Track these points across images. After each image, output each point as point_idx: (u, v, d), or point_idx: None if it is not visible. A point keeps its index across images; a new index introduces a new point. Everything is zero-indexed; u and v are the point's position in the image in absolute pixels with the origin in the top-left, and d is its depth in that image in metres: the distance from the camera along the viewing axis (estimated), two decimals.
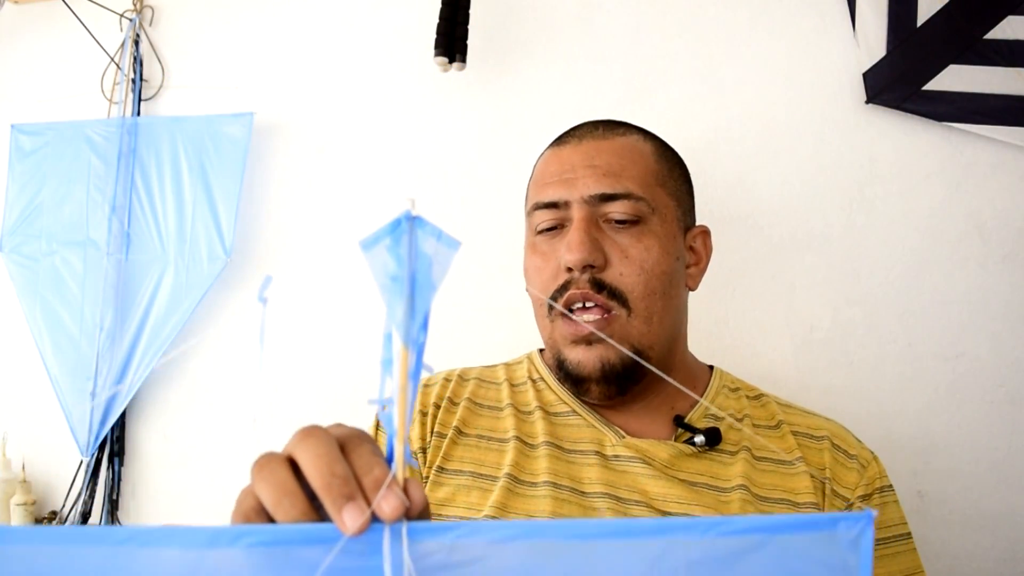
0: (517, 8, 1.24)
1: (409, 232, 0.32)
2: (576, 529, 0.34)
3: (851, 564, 0.35)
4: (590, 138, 0.76)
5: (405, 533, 0.33)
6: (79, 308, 1.40)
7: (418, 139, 1.29)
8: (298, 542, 0.33)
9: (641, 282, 0.70)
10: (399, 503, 0.32)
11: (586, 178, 0.72)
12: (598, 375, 0.70)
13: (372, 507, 0.32)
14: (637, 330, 0.70)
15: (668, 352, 0.75)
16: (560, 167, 0.75)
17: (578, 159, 0.74)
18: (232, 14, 1.42)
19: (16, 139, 1.47)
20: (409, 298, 0.33)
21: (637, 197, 0.71)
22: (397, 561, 0.32)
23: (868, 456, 0.75)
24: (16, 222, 1.46)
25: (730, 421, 0.75)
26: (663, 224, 0.73)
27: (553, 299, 0.71)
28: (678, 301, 0.75)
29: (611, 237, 0.71)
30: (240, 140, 1.34)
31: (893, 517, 0.73)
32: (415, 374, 0.33)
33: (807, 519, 0.36)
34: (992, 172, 1.02)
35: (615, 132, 0.76)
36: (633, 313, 0.70)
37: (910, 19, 1.04)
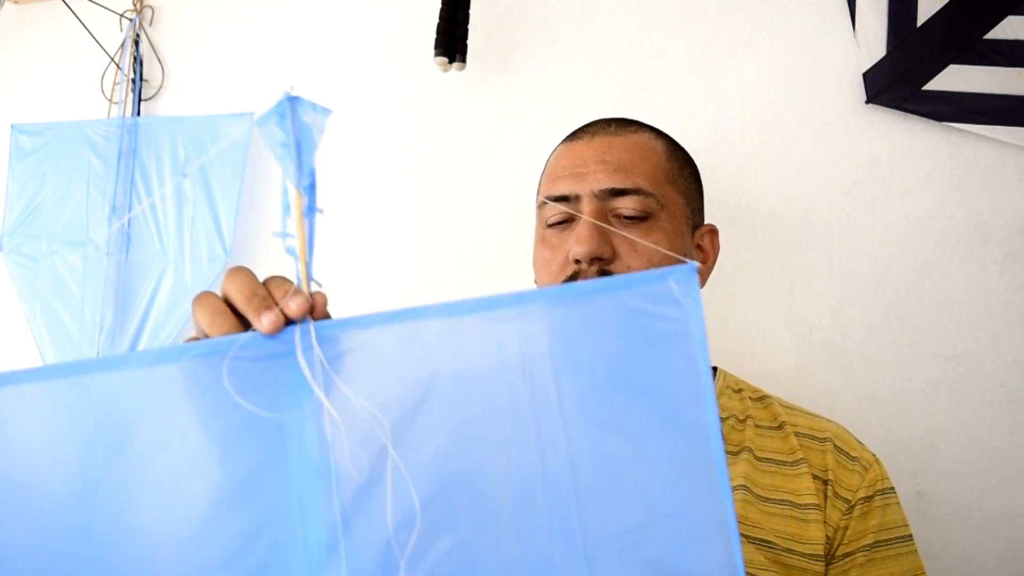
0: (517, 8, 1.24)
1: (291, 107, 0.40)
2: (445, 309, 0.42)
3: (686, 308, 0.42)
4: (603, 134, 0.77)
5: (312, 328, 0.41)
6: (79, 308, 1.40)
7: (418, 139, 1.29)
8: (227, 349, 0.40)
9: None
10: (303, 301, 0.41)
11: (597, 173, 0.73)
12: None
13: (280, 306, 0.40)
14: None
15: None
16: (572, 162, 0.75)
17: (590, 154, 0.75)
18: (232, 14, 1.42)
19: (16, 139, 1.47)
20: (297, 156, 0.42)
21: (647, 193, 0.72)
22: (309, 352, 0.40)
23: (870, 458, 0.75)
24: (16, 222, 1.46)
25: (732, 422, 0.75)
26: (672, 221, 0.74)
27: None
28: None
29: (620, 231, 0.72)
30: (240, 140, 1.34)
31: (895, 519, 0.73)
32: (309, 211, 0.43)
33: (639, 276, 0.42)
34: (992, 172, 1.02)
35: (627, 129, 0.78)
36: None
37: (910, 19, 1.04)
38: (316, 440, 0.40)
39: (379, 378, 0.41)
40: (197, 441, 0.40)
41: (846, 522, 0.70)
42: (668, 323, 0.41)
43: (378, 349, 0.42)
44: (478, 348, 0.42)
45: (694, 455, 0.41)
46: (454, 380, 0.42)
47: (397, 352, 0.42)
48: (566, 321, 0.42)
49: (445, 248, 1.26)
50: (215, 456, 0.40)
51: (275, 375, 0.41)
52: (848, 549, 0.69)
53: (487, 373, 0.42)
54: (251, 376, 0.40)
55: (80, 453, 0.40)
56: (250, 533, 0.40)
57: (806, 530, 0.68)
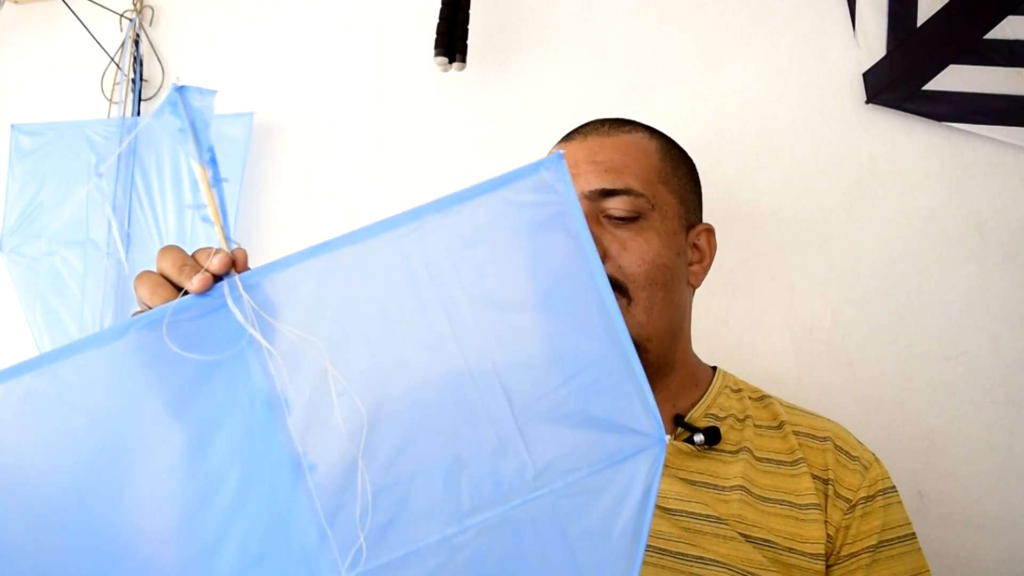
0: (517, 8, 1.24)
1: (180, 96, 0.44)
2: (350, 237, 0.47)
3: (560, 192, 0.47)
4: (595, 135, 0.77)
5: (238, 279, 0.46)
6: (79, 308, 1.40)
7: (418, 139, 1.29)
8: (167, 315, 0.44)
9: (642, 272, 0.71)
10: (224, 256, 0.45)
11: (588, 174, 0.73)
12: None
13: (205, 266, 0.45)
14: (636, 320, 0.71)
15: (668, 348, 0.75)
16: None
17: (582, 155, 0.75)
18: (232, 14, 1.42)
19: (16, 139, 1.47)
20: (195, 135, 0.45)
21: (637, 193, 0.72)
22: (239, 301, 0.45)
23: (870, 458, 0.75)
24: (16, 222, 1.46)
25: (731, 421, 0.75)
26: (663, 221, 0.74)
27: None
28: (679, 296, 0.75)
29: (612, 232, 0.72)
30: (240, 140, 1.34)
31: (897, 518, 0.73)
32: (216, 182, 0.48)
33: (514, 172, 0.47)
34: (992, 172, 1.02)
35: (620, 130, 0.78)
36: (634, 302, 0.70)
37: (910, 19, 1.04)
38: (262, 375, 0.45)
39: (308, 309, 0.46)
40: (162, 402, 0.45)
41: (848, 522, 0.70)
42: (547, 208, 0.47)
43: (300, 285, 0.46)
44: (387, 264, 0.47)
45: (588, 310, 0.47)
46: (372, 296, 0.47)
47: (318, 284, 0.47)
48: (459, 224, 0.47)
49: None
50: (180, 411, 0.45)
51: (215, 327, 0.45)
52: (852, 550, 0.69)
53: (399, 284, 0.47)
54: (194, 334, 0.45)
55: (61, 441, 0.44)
56: (220, 473, 0.45)
57: (806, 530, 0.68)
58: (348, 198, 1.33)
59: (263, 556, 0.44)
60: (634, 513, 0.46)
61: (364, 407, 0.45)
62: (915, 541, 0.73)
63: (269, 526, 0.45)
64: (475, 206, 0.47)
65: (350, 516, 0.45)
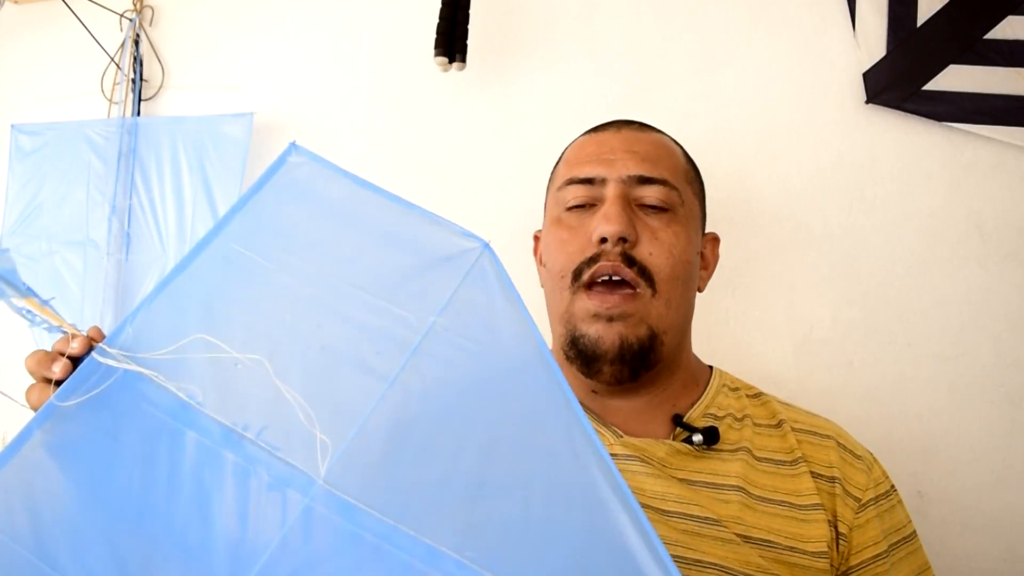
0: (517, 8, 1.24)
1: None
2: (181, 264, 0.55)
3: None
4: (628, 129, 0.79)
5: (105, 344, 0.53)
6: (79, 308, 1.40)
7: (418, 139, 1.29)
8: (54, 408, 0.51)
9: (668, 264, 0.71)
10: (82, 339, 0.53)
11: (626, 160, 0.74)
12: (615, 352, 0.70)
13: (68, 352, 0.53)
14: (657, 311, 0.71)
15: (678, 344, 0.75)
16: (599, 148, 0.77)
17: (618, 143, 0.76)
18: (232, 14, 1.42)
19: (16, 139, 1.47)
20: (7, 280, 0.51)
21: (672, 185, 0.74)
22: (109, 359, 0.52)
23: (870, 457, 0.75)
24: (16, 222, 1.46)
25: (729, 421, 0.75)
26: (689, 219, 0.75)
27: (579, 270, 0.72)
28: (692, 295, 0.77)
29: (643, 219, 0.73)
30: (240, 140, 1.34)
31: (900, 519, 0.73)
32: (34, 294, 0.53)
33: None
34: (992, 172, 1.02)
35: (650, 129, 0.81)
36: (657, 294, 0.71)
37: (910, 19, 1.04)
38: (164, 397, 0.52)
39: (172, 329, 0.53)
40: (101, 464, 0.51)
41: (859, 521, 0.70)
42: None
43: (155, 323, 0.54)
44: (217, 267, 0.55)
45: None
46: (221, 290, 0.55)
47: (169, 315, 0.54)
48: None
49: None
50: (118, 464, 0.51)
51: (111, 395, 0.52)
52: (863, 557, 0.69)
53: (238, 273, 0.55)
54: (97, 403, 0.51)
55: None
56: (179, 482, 0.50)
57: (807, 529, 0.68)
58: None
59: (244, 515, 0.49)
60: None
61: (260, 356, 0.52)
62: (917, 540, 0.73)
63: (240, 487, 0.49)
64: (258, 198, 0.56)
65: (301, 431, 0.49)
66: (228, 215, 0.57)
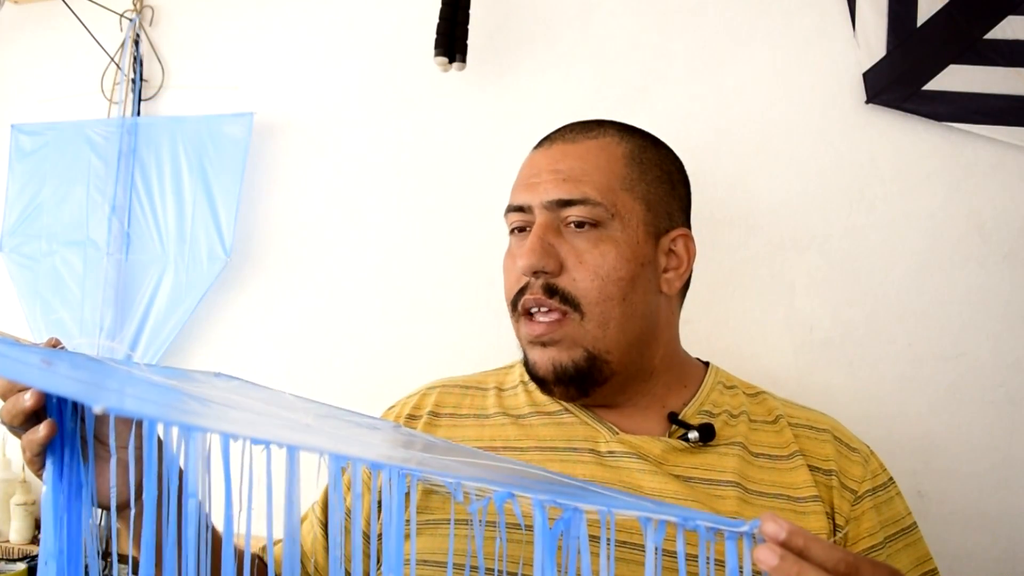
0: (517, 8, 1.24)
1: None
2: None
3: None
4: (560, 142, 0.77)
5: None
6: (79, 308, 1.40)
7: (418, 139, 1.29)
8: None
9: (595, 287, 0.70)
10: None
11: (547, 183, 0.73)
12: (552, 377, 0.72)
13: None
14: (591, 334, 0.71)
15: (638, 356, 0.74)
16: (529, 171, 0.76)
17: (544, 163, 0.75)
18: (232, 14, 1.42)
19: (16, 139, 1.48)
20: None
21: (595, 203, 0.71)
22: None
23: (866, 450, 0.75)
24: (16, 222, 1.46)
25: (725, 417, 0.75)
26: (624, 230, 0.72)
27: (515, 301, 0.74)
28: (643, 307, 0.73)
29: (569, 242, 0.72)
30: (240, 140, 1.34)
31: (900, 511, 0.73)
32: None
33: None
34: (992, 172, 1.02)
35: (587, 135, 0.76)
36: (586, 317, 0.71)
37: (910, 19, 1.04)
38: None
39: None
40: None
41: (856, 513, 0.70)
42: None
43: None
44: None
45: None
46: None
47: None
48: None
49: (445, 247, 1.26)
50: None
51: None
52: (858, 549, 0.69)
53: None
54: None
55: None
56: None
57: (805, 522, 0.68)
58: (348, 198, 1.33)
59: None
60: None
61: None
62: (917, 531, 0.74)
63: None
64: None
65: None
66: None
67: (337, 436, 0.49)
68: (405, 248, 1.29)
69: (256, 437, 0.35)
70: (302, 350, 1.33)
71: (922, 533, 0.74)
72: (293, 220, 1.36)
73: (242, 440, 0.35)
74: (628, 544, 0.66)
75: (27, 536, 1.39)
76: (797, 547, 0.42)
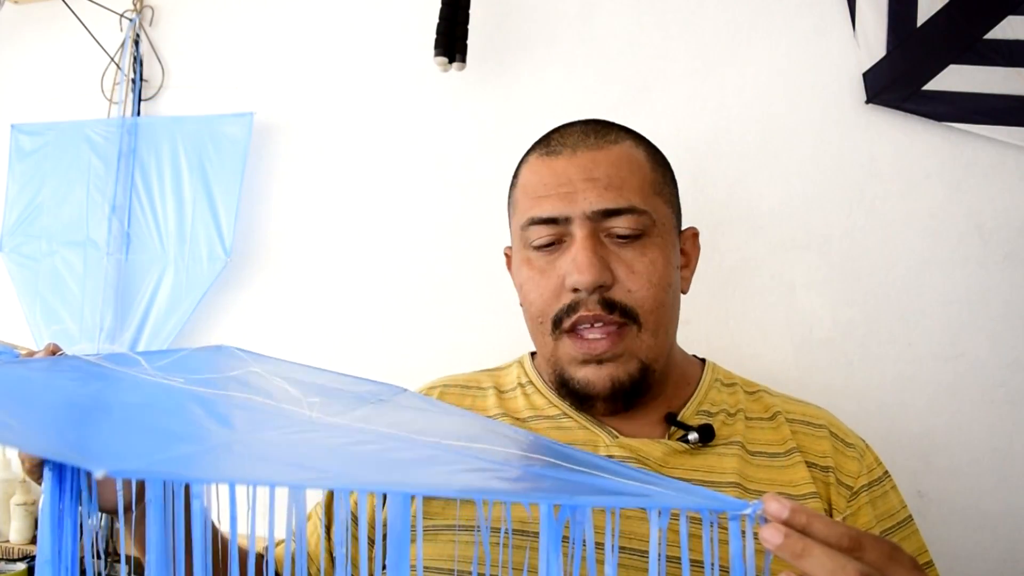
0: (517, 8, 1.24)
1: None
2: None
3: None
4: (583, 148, 0.72)
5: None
6: (79, 308, 1.40)
7: (418, 139, 1.29)
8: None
9: (650, 296, 0.69)
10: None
11: (587, 192, 0.69)
12: (608, 393, 0.70)
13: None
14: (647, 344, 0.70)
15: (667, 361, 0.74)
16: (556, 180, 0.72)
17: (575, 172, 0.71)
18: (232, 14, 1.42)
19: (16, 139, 1.48)
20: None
21: (640, 211, 0.69)
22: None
23: (862, 444, 0.75)
24: (16, 222, 1.46)
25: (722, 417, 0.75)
26: (663, 235, 0.71)
27: (559, 318, 0.70)
28: (678, 306, 0.75)
29: (615, 252, 0.69)
30: (240, 140, 1.34)
31: (893, 505, 0.73)
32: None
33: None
34: (992, 172, 1.02)
35: (607, 139, 0.73)
36: (644, 328, 0.69)
37: (910, 19, 1.04)
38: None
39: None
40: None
41: (852, 509, 0.70)
42: None
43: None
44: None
45: None
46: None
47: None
48: None
49: (445, 247, 1.26)
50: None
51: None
52: None
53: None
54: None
55: None
56: None
57: None
58: (348, 197, 1.33)
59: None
60: None
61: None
62: (912, 524, 0.73)
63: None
64: None
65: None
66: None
67: (344, 430, 0.48)
68: (405, 248, 1.29)
69: (260, 480, 0.34)
70: (302, 350, 1.33)
71: (923, 534, 0.74)
72: (293, 220, 1.36)
73: (248, 486, 0.35)
74: (628, 550, 0.66)
75: (27, 536, 1.39)
76: (800, 524, 0.42)
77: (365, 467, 0.42)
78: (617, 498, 0.40)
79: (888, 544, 0.44)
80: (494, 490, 0.42)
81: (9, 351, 0.53)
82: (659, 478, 0.44)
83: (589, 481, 0.42)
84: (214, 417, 0.47)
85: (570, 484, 0.41)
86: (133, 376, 0.51)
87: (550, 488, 0.41)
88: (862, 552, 0.42)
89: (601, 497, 0.40)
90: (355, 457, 0.42)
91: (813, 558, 0.41)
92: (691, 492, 0.42)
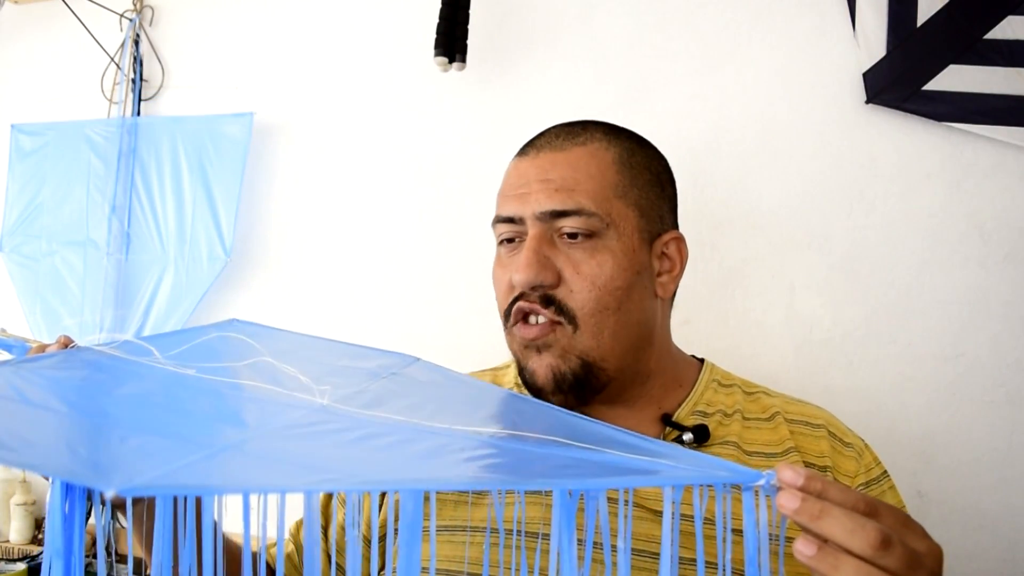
0: (517, 8, 1.24)
1: None
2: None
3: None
4: (547, 149, 0.74)
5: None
6: (79, 308, 1.40)
7: (418, 139, 1.29)
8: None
9: (592, 299, 0.69)
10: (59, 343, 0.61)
11: (539, 193, 0.71)
12: (551, 385, 0.70)
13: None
14: (584, 344, 0.70)
15: (634, 361, 0.73)
16: (517, 180, 0.74)
17: (533, 173, 0.73)
18: (232, 14, 1.42)
19: (16, 139, 1.48)
20: None
21: (589, 213, 0.70)
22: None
23: (860, 444, 0.75)
24: (16, 222, 1.46)
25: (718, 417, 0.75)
26: (619, 238, 0.71)
27: (507, 311, 0.72)
28: (638, 314, 0.73)
29: (564, 252, 0.70)
30: (240, 140, 1.34)
31: (893, 503, 0.73)
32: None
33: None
34: (992, 172, 1.02)
35: (575, 141, 0.74)
36: (580, 330, 0.70)
37: (910, 19, 1.04)
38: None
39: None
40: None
41: None
42: None
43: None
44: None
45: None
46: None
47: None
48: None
49: (444, 247, 1.26)
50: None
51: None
52: None
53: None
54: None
55: None
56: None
57: None
58: (348, 197, 1.33)
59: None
60: None
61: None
62: None
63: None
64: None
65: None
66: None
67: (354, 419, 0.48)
68: (405, 248, 1.29)
69: (269, 487, 0.34)
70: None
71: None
72: (293, 220, 1.36)
73: (259, 495, 0.35)
74: (643, 507, 0.67)
75: (27, 536, 1.39)
76: (816, 490, 0.42)
77: (374, 465, 0.42)
78: (629, 477, 0.41)
79: (902, 512, 0.45)
80: (503, 480, 0.42)
81: (21, 345, 0.52)
82: (669, 447, 0.45)
83: (599, 459, 0.42)
84: (226, 412, 0.47)
85: (581, 463, 0.41)
86: (149, 366, 0.52)
87: (559, 466, 0.41)
88: (878, 516, 0.43)
89: (612, 478, 0.40)
90: (364, 454, 0.42)
91: (832, 519, 0.41)
92: (702, 463, 0.42)
